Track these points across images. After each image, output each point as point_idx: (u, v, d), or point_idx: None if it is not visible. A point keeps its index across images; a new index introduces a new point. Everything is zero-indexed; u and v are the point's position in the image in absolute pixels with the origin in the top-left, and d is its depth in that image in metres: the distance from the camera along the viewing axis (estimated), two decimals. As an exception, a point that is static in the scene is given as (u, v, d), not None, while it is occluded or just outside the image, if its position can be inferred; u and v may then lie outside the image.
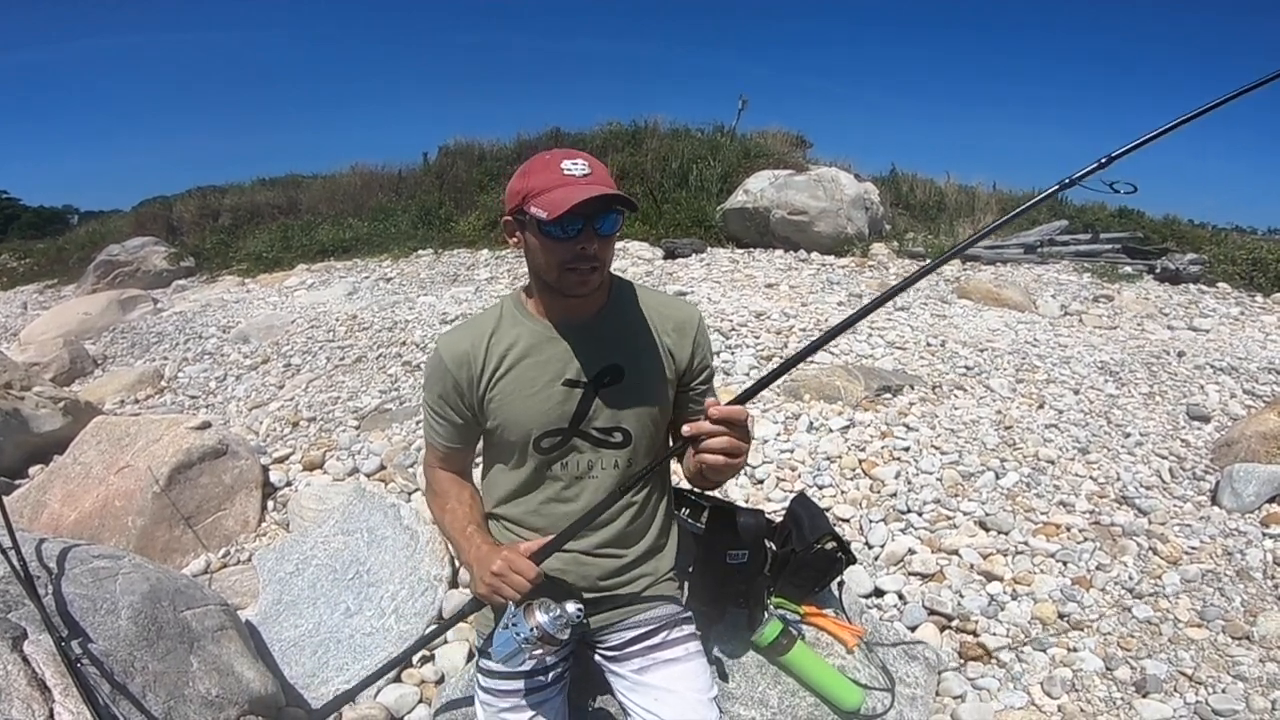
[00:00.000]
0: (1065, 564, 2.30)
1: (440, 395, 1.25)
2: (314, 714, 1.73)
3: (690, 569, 1.47)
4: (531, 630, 1.09)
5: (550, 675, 1.28)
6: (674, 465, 1.41)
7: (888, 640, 1.67)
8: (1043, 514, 2.56)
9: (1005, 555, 2.35)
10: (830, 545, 1.61)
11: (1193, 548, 2.36)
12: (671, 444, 1.38)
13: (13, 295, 10.10)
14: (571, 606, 1.12)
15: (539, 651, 1.12)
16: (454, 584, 2.12)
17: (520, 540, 1.29)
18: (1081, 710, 1.81)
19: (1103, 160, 1.04)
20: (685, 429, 1.03)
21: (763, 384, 1.08)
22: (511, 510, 1.31)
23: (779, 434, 3.10)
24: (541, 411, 1.21)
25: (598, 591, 1.29)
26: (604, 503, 1.19)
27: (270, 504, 2.93)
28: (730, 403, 1.03)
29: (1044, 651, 1.99)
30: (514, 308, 1.26)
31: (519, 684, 1.26)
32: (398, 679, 1.89)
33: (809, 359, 1.59)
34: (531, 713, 1.25)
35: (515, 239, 1.18)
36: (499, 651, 1.13)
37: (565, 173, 1.08)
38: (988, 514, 2.53)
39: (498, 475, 1.32)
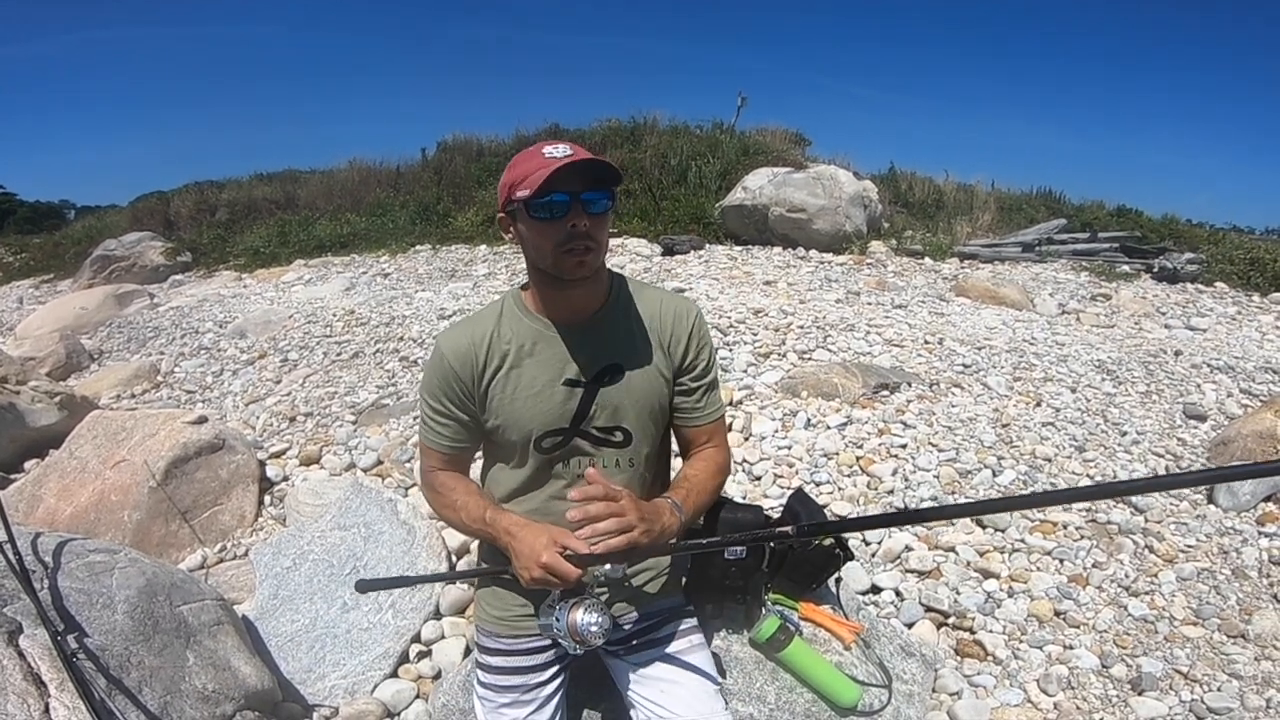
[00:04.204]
0: (1062, 561, 2.31)
1: (442, 391, 1.23)
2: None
3: (688, 565, 1.47)
4: (566, 628, 1.11)
5: (549, 671, 1.28)
6: (675, 463, 1.41)
7: (885, 636, 1.67)
8: (1039, 511, 2.56)
9: (1002, 552, 2.36)
10: (828, 542, 1.61)
11: (1189, 546, 2.36)
12: (674, 442, 1.38)
13: (9, 290, 10.05)
14: (608, 621, 1.13)
15: (565, 643, 1.13)
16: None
17: None
18: (1077, 708, 1.82)
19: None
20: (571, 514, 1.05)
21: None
22: (514, 509, 1.30)
23: (776, 430, 3.10)
24: (542, 411, 1.21)
25: (599, 586, 1.28)
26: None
27: (267, 499, 2.93)
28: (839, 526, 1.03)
29: (1040, 649, 1.99)
30: (514, 305, 1.25)
31: (517, 679, 1.26)
32: (394, 674, 1.89)
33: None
34: (530, 708, 1.24)
35: (511, 234, 1.19)
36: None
37: (547, 156, 1.10)
38: (985, 511, 2.54)
39: (499, 474, 1.31)
